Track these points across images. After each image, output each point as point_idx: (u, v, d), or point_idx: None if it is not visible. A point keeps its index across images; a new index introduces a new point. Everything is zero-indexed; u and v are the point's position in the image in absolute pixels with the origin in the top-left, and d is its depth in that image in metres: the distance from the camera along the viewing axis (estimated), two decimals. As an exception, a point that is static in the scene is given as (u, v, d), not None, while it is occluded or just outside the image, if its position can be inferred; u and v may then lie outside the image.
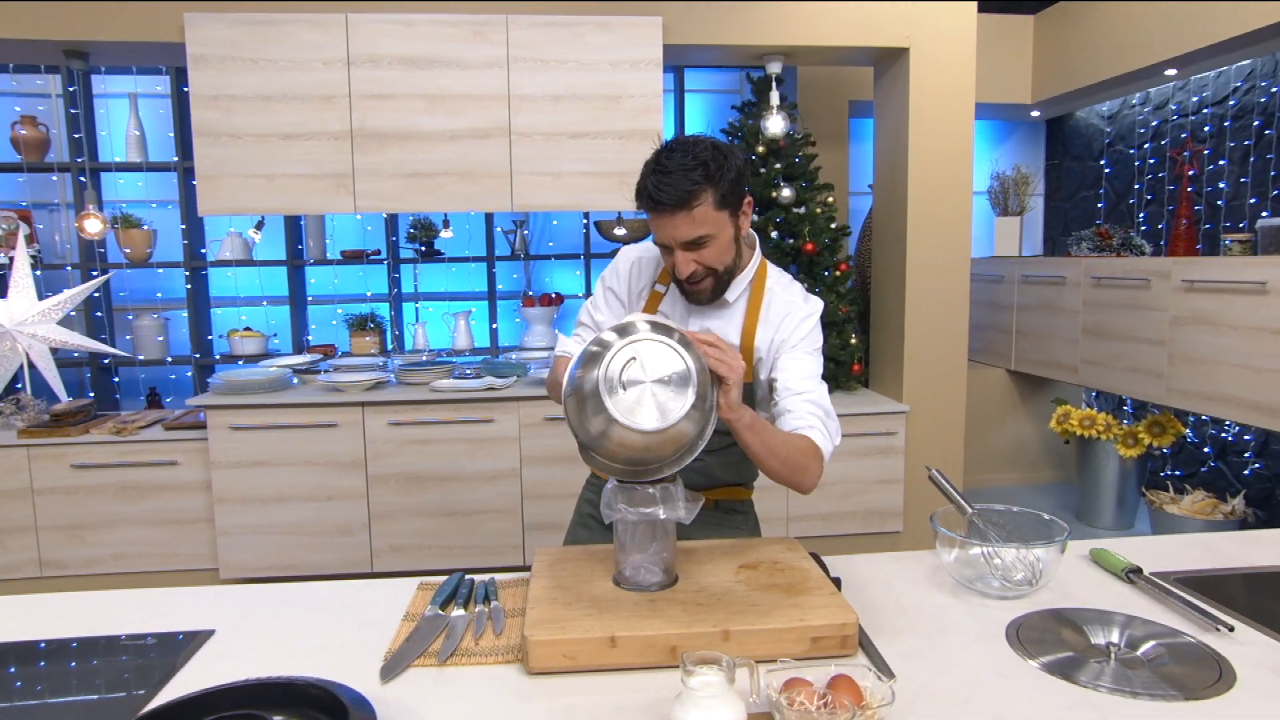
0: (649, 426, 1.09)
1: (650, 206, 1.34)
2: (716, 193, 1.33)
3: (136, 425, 3.33)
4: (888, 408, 3.49)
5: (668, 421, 1.09)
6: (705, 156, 1.32)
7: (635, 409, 1.10)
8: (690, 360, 1.12)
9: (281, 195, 3.16)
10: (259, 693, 0.92)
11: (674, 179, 1.30)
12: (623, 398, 1.10)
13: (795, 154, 3.79)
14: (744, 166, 1.40)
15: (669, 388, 1.11)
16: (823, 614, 1.12)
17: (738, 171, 1.36)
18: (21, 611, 1.32)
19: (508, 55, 3.17)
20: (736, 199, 1.38)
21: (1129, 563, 1.39)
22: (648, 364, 1.11)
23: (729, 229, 1.39)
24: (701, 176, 1.31)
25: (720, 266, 1.41)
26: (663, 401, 1.10)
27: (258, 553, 3.24)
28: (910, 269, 3.49)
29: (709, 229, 1.35)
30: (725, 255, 1.41)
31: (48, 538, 3.24)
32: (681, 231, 1.34)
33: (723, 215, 1.36)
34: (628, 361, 1.11)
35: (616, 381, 1.10)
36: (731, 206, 1.38)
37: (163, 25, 3.10)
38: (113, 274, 4.01)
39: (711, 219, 1.34)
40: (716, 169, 1.32)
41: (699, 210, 1.32)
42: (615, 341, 1.12)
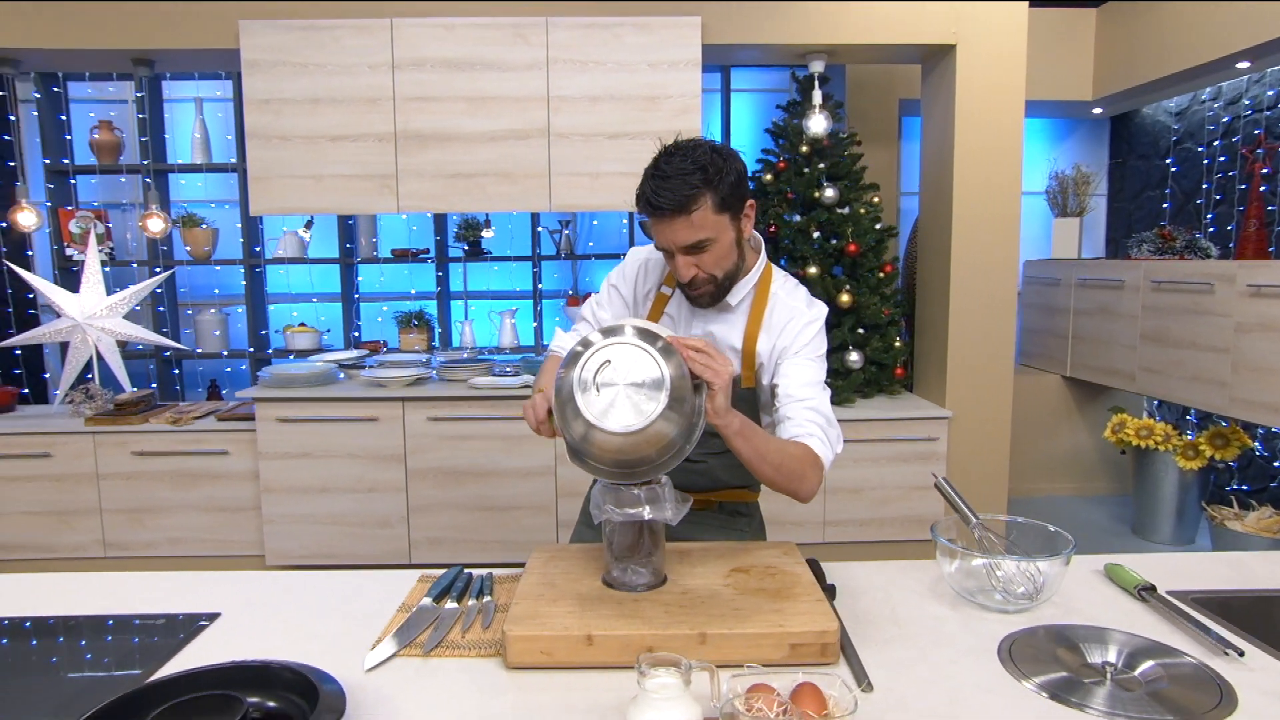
0: (617, 429, 1.10)
1: (649, 211, 1.34)
2: (715, 196, 1.32)
3: (191, 415, 3.48)
4: (930, 413, 3.42)
5: (638, 425, 1.10)
6: (704, 160, 1.31)
7: (608, 412, 1.11)
8: (664, 365, 1.12)
9: (329, 195, 3.27)
10: (235, 675, 0.96)
11: (672, 183, 1.30)
12: (596, 400, 1.11)
13: (840, 153, 3.74)
14: (744, 169, 1.39)
15: (642, 391, 1.11)
16: (803, 620, 1.11)
17: (738, 175, 1.36)
18: (45, 588, 1.40)
19: (547, 57, 3.20)
20: (737, 202, 1.37)
21: (1142, 580, 1.33)
22: (621, 367, 1.12)
23: (729, 233, 1.38)
24: (700, 180, 1.30)
25: (720, 271, 1.41)
26: (635, 405, 1.11)
27: (301, 541, 3.36)
28: (955, 271, 3.40)
29: (708, 233, 1.34)
30: (725, 260, 1.40)
31: (111, 520, 3.41)
32: (680, 236, 1.34)
33: (722, 219, 1.35)
34: (602, 364, 1.12)
35: (590, 384, 1.12)
36: (732, 210, 1.37)
37: (221, 33, 3.23)
38: (174, 271, 4.19)
39: (711, 223, 1.34)
40: (715, 172, 1.31)
41: (697, 215, 1.32)
42: (594, 344, 1.14)
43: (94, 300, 3.55)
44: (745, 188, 1.39)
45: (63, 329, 3.52)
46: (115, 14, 3.23)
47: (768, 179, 3.77)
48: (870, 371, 3.70)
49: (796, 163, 3.74)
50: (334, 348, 4.28)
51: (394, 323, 4.30)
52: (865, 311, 3.64)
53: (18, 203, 3.56)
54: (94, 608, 1.32)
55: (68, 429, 3.36)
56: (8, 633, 1.24)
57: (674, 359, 1.14)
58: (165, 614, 1.28)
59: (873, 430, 3.41)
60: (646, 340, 1.14)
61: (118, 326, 3.57)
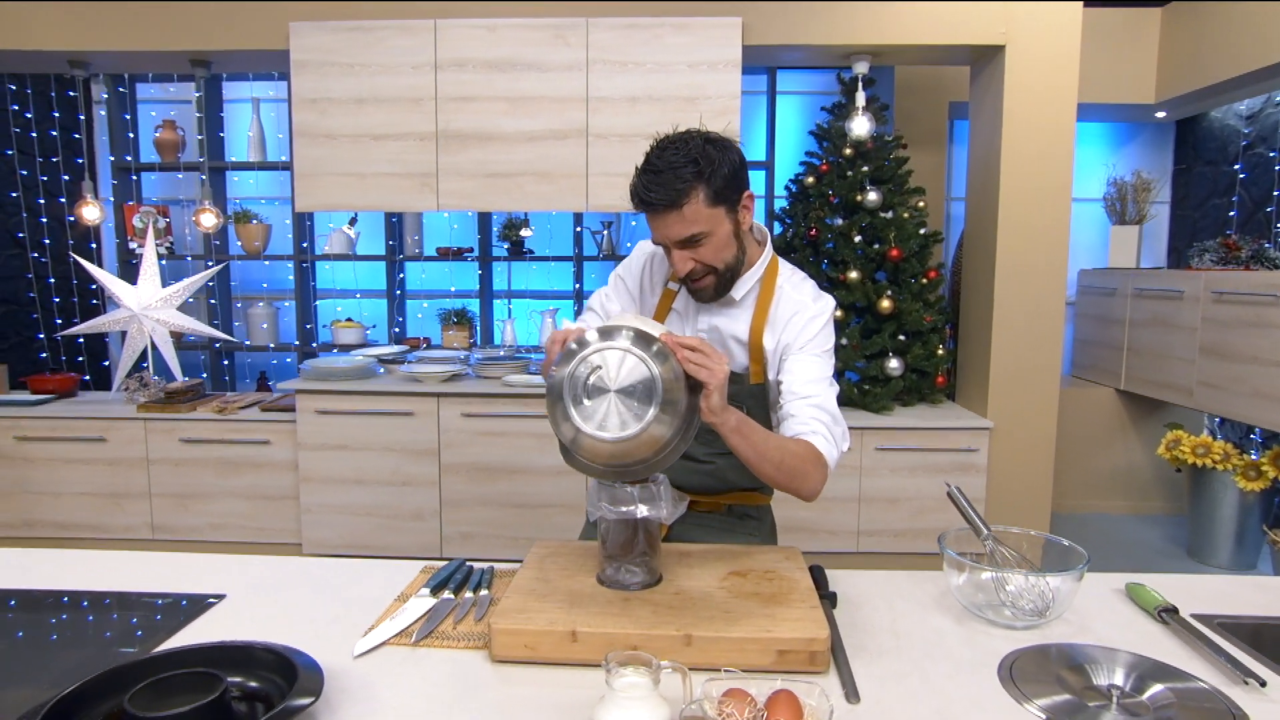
0: (609, 436, 1.09)
1: (642, 207, 1.33)
2: (709, 189, 1.31)
3: (236, 405, 3.59)
4: (970, 423, 3.32)
5: (628, 434, 1.09)
6: (696, 153, 1.29)
7: (598, 419, 1.10)
8: (656, 371, 1.10)
9: (371, 193, 3.33)
10: (218, 654, 0.98)
11: (664, 178, 1.29)
12: (586, 407, 1.11)
13: (885, 156, 3.67)
14: (741, 160, 1.37)
15: (633, 399, 1.10)
16: (793, 627, 1.09)
17: (733, 166, 1.34)
18: (65, 563, 1.45)
19: (587, 58, 3.22)
20: (732, 194, 1.35)
21: (1164, 600, 1.27)
22: (612, 373, 1.10)
23: (725, 225, 1.36)
24: (692, 174, 1.29)
25: (719, 264, 1.39)
26: (626, 413, 1.10)
27: (337, 531, 3.43)
28: (999, 278, 3.31)
29: (702, 226, 1.33)
30: (723, 252, 1.38)
31: (159, 504, 3.54)
32: (674, 230, 1.33)
33: (717, 211, 1.34)
34: (593, 369, 1.11)
35: (581, 389, 1.11)
36: (727, 202, 1.35)
37: (273, 34, 3.32)
38: (226, 265, 4.32)
39: (704, 216, 1.32)
40: (708, 164, 1.29)
41: (689, 208, 1.30)
42: (587, 345, 1.12)
43: (150, 292, 3.68)
44: (742, 179, 1.37)
45: (120, 319, 3.66)
46: (174, 16, 3.35)
47: (810, 181, 3.72)
48: (910, 379, 3.62)
49: (840, 166, 3.68)
50: (379, 343, 4.37)
51: (437, 320, 4.37)
52: (907, 318, 3.57)
53: (83, 198, 3.72)
54: (108, 584, 1.36)
55: (121, 415, 3.49)
56: (19, 603, 1.28)
57: (667, 361, 1.13)
58: (174, 593, 1.31)
59: (911, 439, 3.33)
60: (640, 343, 1.12)
61: (171, 317, 3.70)
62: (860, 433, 3.34)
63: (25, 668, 1.08)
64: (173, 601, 1.29)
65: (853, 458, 3.35)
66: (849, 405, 3.61)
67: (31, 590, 1.33)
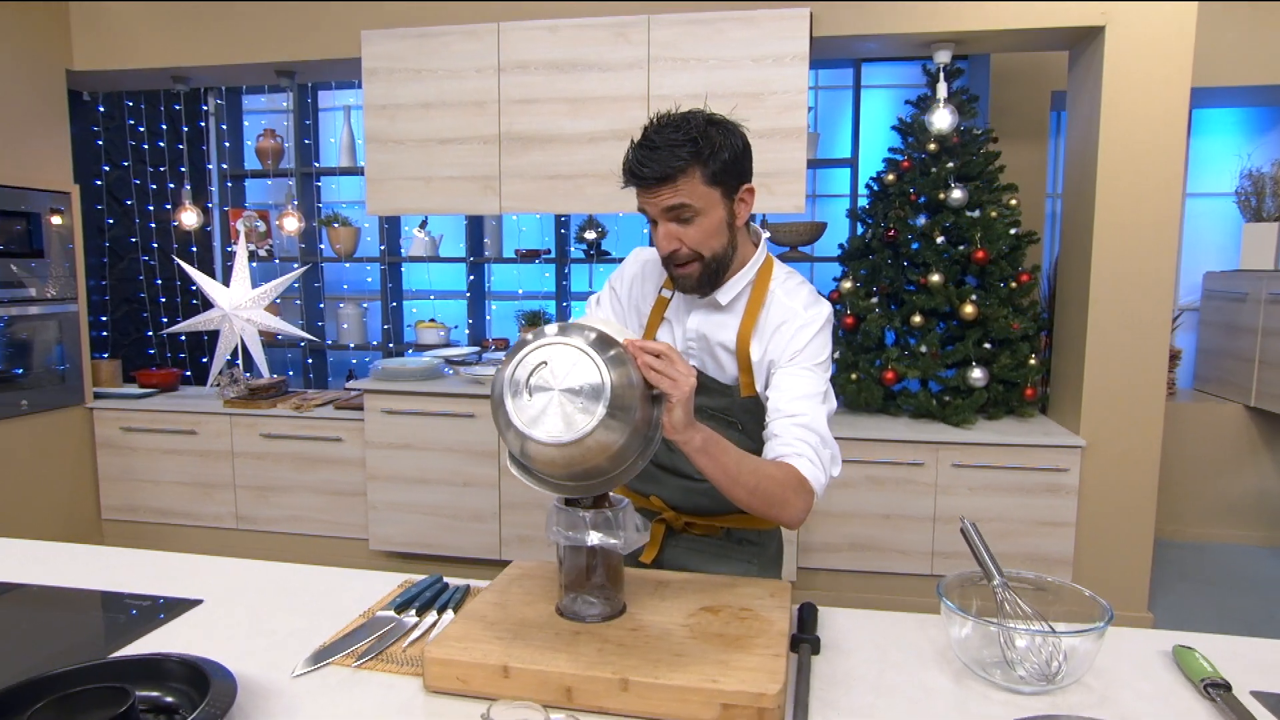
0: (546, 438, 1.01)
1: (632, 181, 1.26)
2: (705, 170, 1.23)
3: (313, 403, 3.72)
4: (1060, 440, 3.04)
5: (568, 437, 1.00)
6: (696, 133, 1.22)
7: (538, 419, 1.02)
8: (607, 371, 1.01)
9: (436, 196, 3.38)
10: (130, 668, 0.97)
11: (660, 154, 1.22)
12: (527, 405, 1.02)
13: (973, 151, 3.41)
14: (745, 149, 1.28)
15: (578, 399, 1.01)
16: (743, 678, 0.98)
17: (735, 152, 1.26)
18: (65, 557, 1.50)
19: (648, 55, 3.14)
20: (731, 180, 1.27)
21: (1215, 672, 1.08)
22: (559, 370, 1.02)
23: (719, 210, 1.27)
24: (689, 153, 1.22)
25: (706, 251, 1.29)
26: (569, 414, 1.01)
27: (402, 528, 3.50)
28: (1095, 282, 3.01)
29: (694, 201, 1.24)
30: (713, 239, 1.28)
31: (243, 495, 3.71)
32: (664, 199, 1.24)
33: (712, 192, 1.25)
34: (538, 365, 1.03)
35: (523, 385, 1.03)
36: (724, 186, 1.26)
37: (347, 43, 3.42)
38: (313, 266, 4.50)
39: (699, 193, 1.24)
40: (707, 145, 1.22)
41: (683, 182, 1.23)
42: (534, 341, 1.04)
43: (240, 292, 3.87)
44: (743, 167, 1.29)
45: (213, 319, 3.86)
46: (259, 30, 3.50)
47: (890, 179, 3.51)
48: (997, 390, 3.35)
49: (923, 162, 3.46)
50: (459, 344, 4.44)
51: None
52: (993, 324, 3.30)
53: (182, 204, 3.95)
54: (96, 582, 1.39)
55: (210, 409, 3.68)
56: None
57: (623, 366, 1.04)
58: (153, 595, 1.33)
59: (991, 456, 3.08)
60: (594, 343, 1.03)
61: (259, 317, 3.87)
62: (935, 447, 3.12)
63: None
64: (151, 604, 1.30)
65: (927, 474, 3.13)
66: (926, 417, 3.38)
67: (25, 584, 1.38)
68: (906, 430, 3.20)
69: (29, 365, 3.58)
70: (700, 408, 1.39)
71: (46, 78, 3.62)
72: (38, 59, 3.58)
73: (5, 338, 3.48)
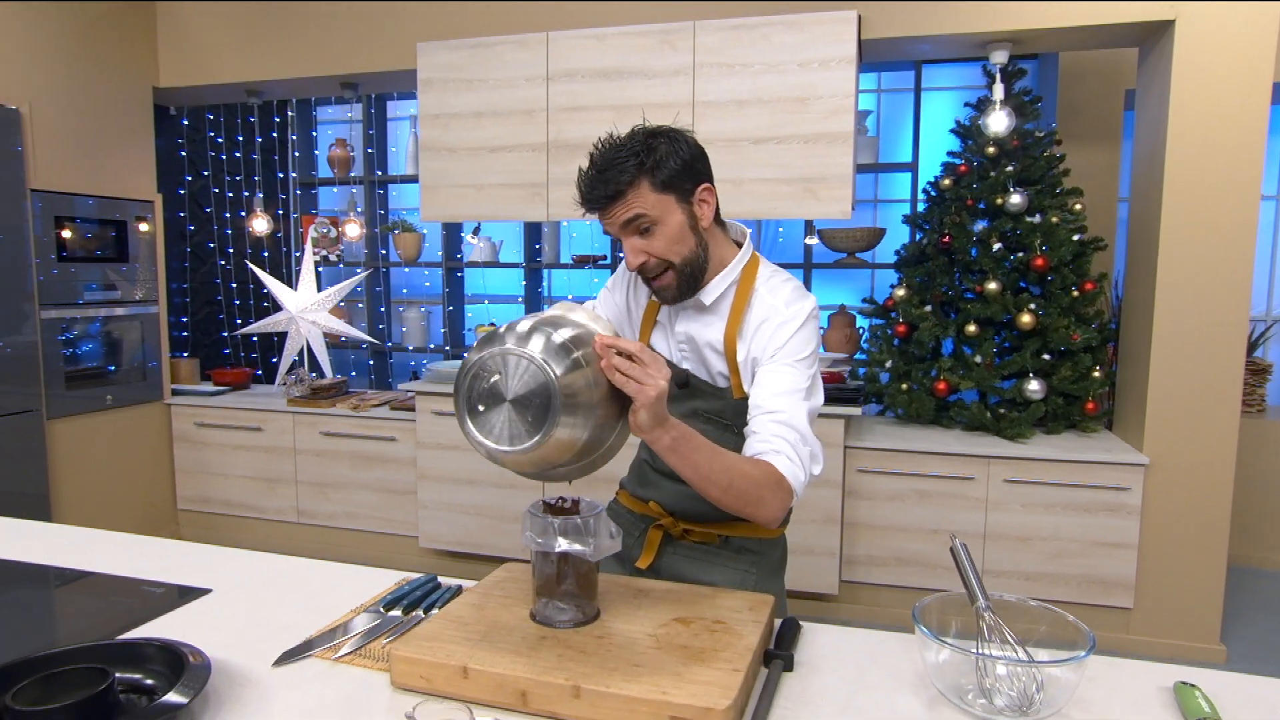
0: (500, 447, 1.02)
1: (587, 206, 1.28)
2: (653, 179, 1.24)
3: (370, 403, 3.85)
4: (1121, 457, 2.88)
5: (519, 447, 1.01)
6: (638, 147, 1.24)
7: (492, 427, 1.03)
8: (555, 377, 1.01)
9: (487, 203, 3.45)
10: (112, 651, 1.03)
11: (606, 175, 1.24)
12: (480, 415, 1.04)
13: (1035, 154, 3.28)
14: (697, 153, 1.30)
15: (529, 409, 1.02)
16: (694, 692, 0.97)
17: (682, 158, 1.27)
18: (92, 541, 1.60)
19: (694, 62, 3.14)
20: (685, 184, 1.28)
21: (1211, 714, 1.01)
22: (509, 379, 1.03)
23: (677, 215, 1.28)
24: (634, 166, 1.23)
25: (675, 258, 1.30)
26: (519, 423, 1.02)
27: (450, 527, 3.58)
28: (1161, 290, 2.84)
29: (648, 210, 1.26)
30: (677, 245, 1.29)
31: (304, 490, 3.87)
32: (619, 214, 1.26)
33: (665, 199, 1.26)
34: (491, 373, 1.04)
35: (475, 395, 1.05)
36: (677, 191, 1.27)
37: (405, 55, 3.54)
38: (375, 271, 4.66)
39: (651, 202, 1.25)
40: (649, 156, 1.24)
41: (632, 194, 1.24)
42: (488, 348, 1.05)
43: (307, 296, 4.05)
44: (696, 170, 1.29)
45: (281, 321, 4.05)
46: (324, 44, 3.66)
47: (946, 184, 3.41)
48: (1056, 403, 3.21)
49: (982, 166, 3.34)
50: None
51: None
52: (1052, 335, 3.17)
53: (254, 211, 4.16)
54: (123, 568, 1.48)
55: (275, 408, 3.86)
56: (17, 575, 1.43)
57: (579, 368, 1.04)
58: (170, 583, 1.41)
59: (1046, 471, 2.95)
60: (550, 348, 1.04)
61: (323, 319, 4.04)
62: (987, 461, 3.00)
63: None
64: (165, 591, 1.38)
65: (977, 489, 3.02)
66: (979, 430, 3.26)
67: (44, 565, 1.49)
68: (957, 443, 3.10)
69: (118, 362, 3.83)
70: (695, 411, 1.39)
71: (135, 95, 3.87)
72: (128, 78, 3.83)
73: (99, 337, 3.73)
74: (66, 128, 3.55)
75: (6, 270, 3.32)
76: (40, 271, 3.45)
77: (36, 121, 3.41)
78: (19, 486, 3.39)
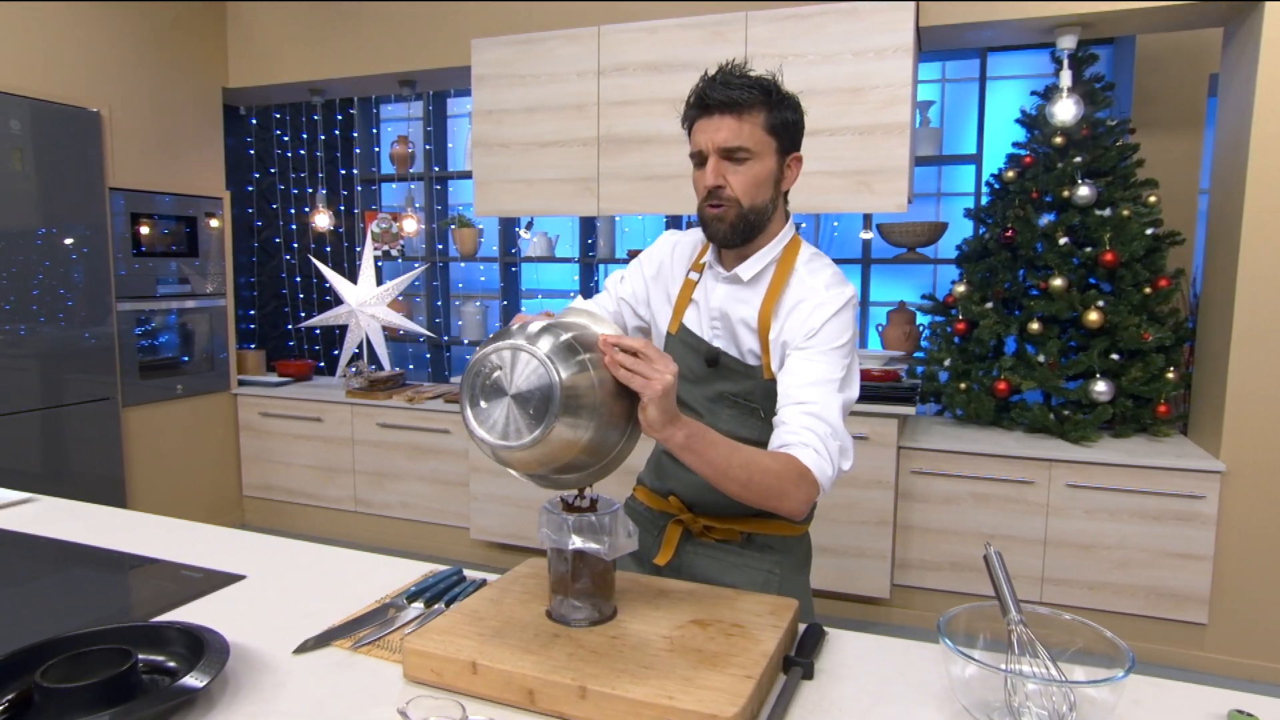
0: (501, 443, 1.01)
1: (698, 110, 1.29)
2: (770, 117, 1.26)
3: (425, 395, 3.92)
4: (1195, 464, 2.73)
5: (518, 443, 1.00)
6: (768, 85, 1.27)
7: (493, 423, 1.02)
8: (558, 374, 0.99)
9: (538, 198, 3.47)
10: (144, 633, 1.07)
11: (732, 86, 1.25)
12: (483, 409, 1.03)
13: (1107, 144, 3.13)
14: (802, 120, 1.33)
15: (530, 404, 1.00)
16: (700, 698, 0.94)
17: (797, 119, 1.31)
18: (125, 523, 1.66)
19: (746, 53, 3.08)
20: (788, 139, 1.30)
21: (1262, 740, 0.93)
22: (513, 374, 1.01)
23: (770, 161, 1.28)
24: (760, 94, 1.25)
25: (747, 200, 1.28)
26: (521, 419, 1.00)
27: (499, 519, 3.62)
28: (1242, 285, 2.68)
29: (751, 143, 1.26)
30: (756, 189, 1.28)
31: (361, 480, 3.97)
32: (723, 135, 1.26)
33: (769, 141, 1.27)
34: (494, 369, 1.03)
35: (478, 389, 1.03)
36: (781, 140, 1.29)
37: (460, 52, 3.58)
38: (429, 266, 4.73)
39: (758, 138, 1.26)
40: (776, 96, 1.27)
41: (747, 120, 1.25)
42: (494, 344, 1.04)
43: (366, 290, 4.14)
44: (798, 135, 1.33)
45: (341, 314, 4.16)
46: (382, 42, 3.74)
47: (1010, 176, 3.28)
48: (1125, 406, 3.06)
49: (1048, 157, 3.20)
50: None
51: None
52: (1121, 333, 3.01)
53: (316, 207, 4.27)
54: (162, 551, 1.53)
55: (334, 399, 3.96)
56: (63, 553, 1.49)
57: (584, 367, 1.02)
58: (205, 568, 1.45)
59: (1111, 477, 2.81)
60: (556, 346, 1.02)
61: (381, 313, 4.13)
62: (1048, 465, 2.88)
63: (8, 620, 1.25)
64: (202, 576, 1.42)
65: (1037, 494, 2.90)
66: (1041, 432, 3.13)
67: (81, 544, 1.55)
68: (1017, 445, 2.98)
69: (189, 353, 3.99)
70: (721, 394, 1.37)
71: (206, 96, 4.02)
72: (200, 79, 3.97)
73: (172, 329, 3.89)
74: (143, 128, 3.70)
75: (90, 265, 3.49)
76: (121, 266, 3.61)
77: (115, 123, 3.57)
78: (98, 470, 3.56)
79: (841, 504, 3.08)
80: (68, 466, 3.45)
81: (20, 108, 3.20)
